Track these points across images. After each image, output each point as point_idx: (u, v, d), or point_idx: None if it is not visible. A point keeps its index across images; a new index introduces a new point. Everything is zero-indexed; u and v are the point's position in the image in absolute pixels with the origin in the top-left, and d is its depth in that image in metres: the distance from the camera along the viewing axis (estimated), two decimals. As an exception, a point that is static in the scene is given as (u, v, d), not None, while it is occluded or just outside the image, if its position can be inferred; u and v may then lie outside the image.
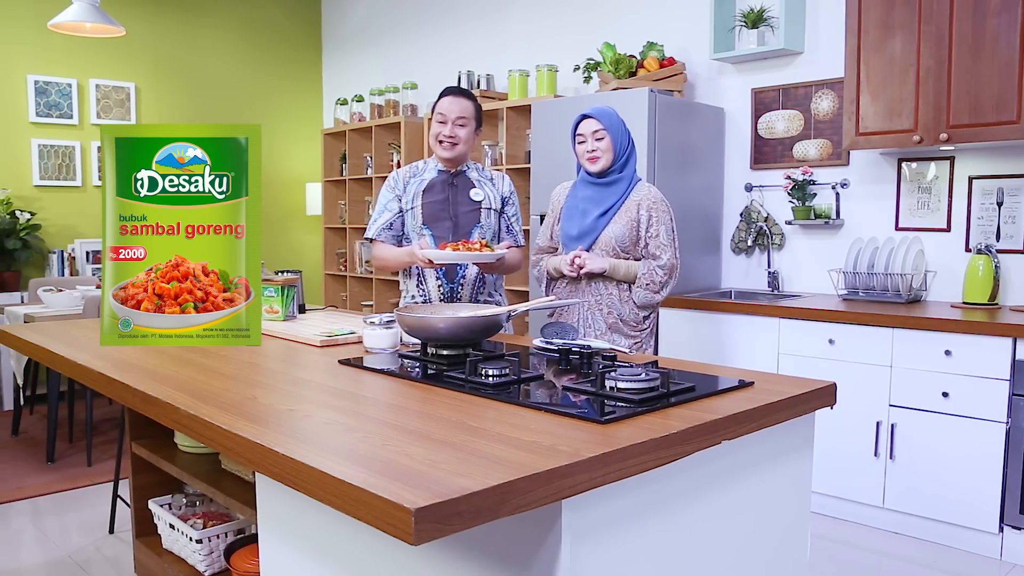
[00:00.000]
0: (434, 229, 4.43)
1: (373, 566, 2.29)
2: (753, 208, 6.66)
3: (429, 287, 4.48)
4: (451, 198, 4.45)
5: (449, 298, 4.46)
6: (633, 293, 4.43)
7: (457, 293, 4.47)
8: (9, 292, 8.42)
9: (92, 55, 9.24)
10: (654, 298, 4.41)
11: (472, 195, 4.47)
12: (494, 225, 4.55)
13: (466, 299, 4.47)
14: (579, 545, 1.93)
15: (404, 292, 4.66)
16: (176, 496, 4.18)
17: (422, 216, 4.44)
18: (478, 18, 8.94)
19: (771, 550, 2.60)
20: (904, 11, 5.33)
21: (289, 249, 11.05)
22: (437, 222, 4.44)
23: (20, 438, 7.40)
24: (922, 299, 5.77)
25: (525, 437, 2.06)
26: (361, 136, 9.85)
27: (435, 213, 4.44)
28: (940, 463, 4.99)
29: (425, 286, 4.49)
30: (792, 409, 2.56)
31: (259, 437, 2.09)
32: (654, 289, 4.39)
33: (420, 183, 4.48)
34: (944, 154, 5.70)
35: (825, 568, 4.73)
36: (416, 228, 4.45)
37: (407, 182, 4.52)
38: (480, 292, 4.54)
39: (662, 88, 6.48)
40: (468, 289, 4.48)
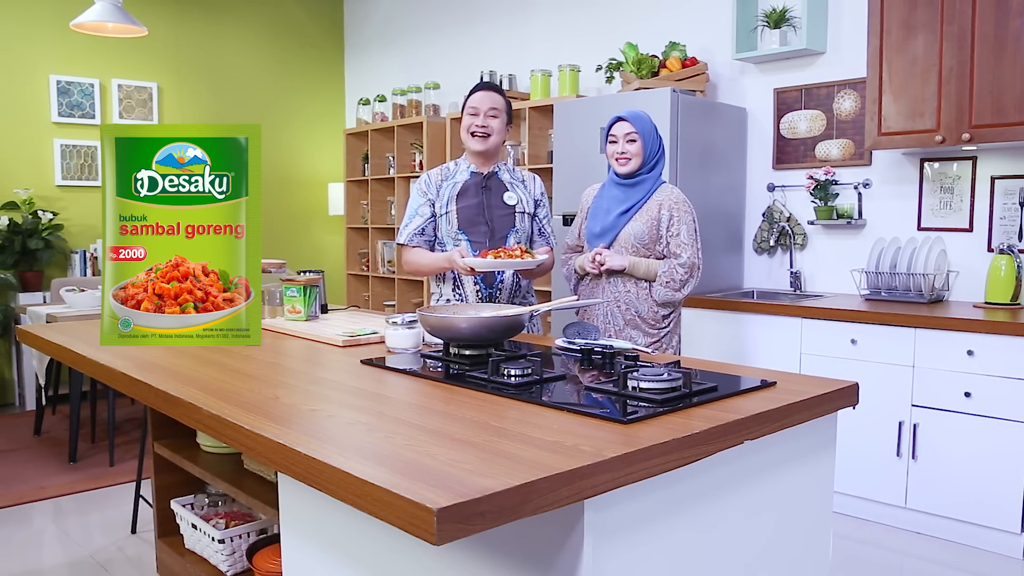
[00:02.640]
0: (470, 234, 4.40)
1: (395, 566, 2.29)
2: (775, 208, 6.64)
3: (467, 292, 4.42)
4: (485, 202, 4.42)
5: (488, 300, 4.40)
6: (653, 291, 4.42)
7: (496, 298, 4.42)
8: (31, 292, 8.46)
9: (114, 55, 9.28)
10: (674, 296, 4.40)
11: (506, 199, 4.45)
12: (528, 228, 4.54)
13: (504, 301, 4.43)
14: (601, 545, 1.93)
15: (438, 296, 4.59)
16: (198, 496, 4.20)
17: (457, 221, 4.40)
18: (501, 18, 8.95)
19: (793, 550, 2.59)
20: (926, 11, 5.31)
21: (311, 249, 11.07)
22: (473, 227, 4.40)
23: (42, 438, 7.43)
24: (944, 299, 5.75)
25: (547, 437, 2.06)
26: (383, 136, 9.86)
27: (470, 218, 4.40)
28: (962, 463, 4.97)
29: (462, 291, 4.43)
30: (814, 409, 2.55)
31: (282, 437, 2.09)
32: (674, 287, 4.38)
33: (453, 186, 4.44)
34: (966, 154, 5.68)
35: (847, 568, 4.72)
36: (451, 234, 4.42)
37: (439, 185, 4.48)
38: (516, 296, 4.49)
39: (684, 88, 6.46)
40: (506, 294, 4.44)
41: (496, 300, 4.42)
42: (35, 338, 4.05)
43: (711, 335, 6.03)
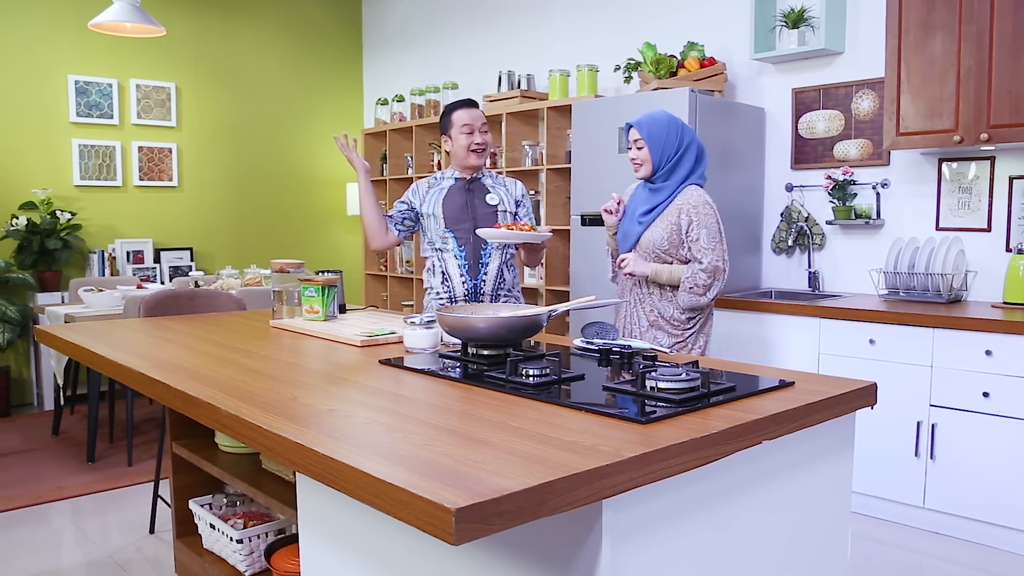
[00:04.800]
0: (455, 232, 4.83)
1: (414, 566, 2.29)
2: (794, 208, 6.63)
3: (454, 284, 4.83)
4: (469, 202, 4.83)
5: (472, 293, 4.82)
6: (678, 297, 4.45)
7: (480, 288, 4.82)
8: (50, 292, 8.49)
9: (132, 55, 9.31)
10: (699, 301, 4.42)
11: (488, 199, 4.85)
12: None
13: (487, 293, 4.85)
14: (620, 545, 1.93)
15: (429, 289, 4.97)
16: (217, 496, 4.20)
17: (444, 221, 4.83)
18: (519, 18, 8.95)
19: (812, 550, 2.58)
20: (945, 11, 5.30)
21: (330, 249, 11.09)
22: (458, 224, 4.82)
23: (60, 438, 7.46)
24: (963, 299, 5.73)
25: (566, 437, 2.06)
26: (402, 136, 9.89)
27: (455, 216, 4.82)
28: (981, 463, 4.96)
29: (450, 283, 4.84)
30: (833, 409, 2.55)
31: (300, 437, 2.09)
32: (698, 292, 4.39)
33: (440, 192, 4.86)
34: (985, 154, 5.66)
35: (866, 568, 4.71)
36: (439, 232, 4.85)
37: (427, 192, 4.91)
38: (500, 288, 4.88)
39: (703, 88, 6.46)
40: (489, 285, 4.83)
41: (481, 292, 4.84)
42: (53, 338, 4.06)
43: (729, 335, 6.03)
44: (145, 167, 9.38)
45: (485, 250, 4.79)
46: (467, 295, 4.81)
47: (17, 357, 8.75)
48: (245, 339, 3.80)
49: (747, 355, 5.91)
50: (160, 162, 9.49)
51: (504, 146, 8.27)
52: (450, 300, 4.83)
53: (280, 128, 10.55)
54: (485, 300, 4.81)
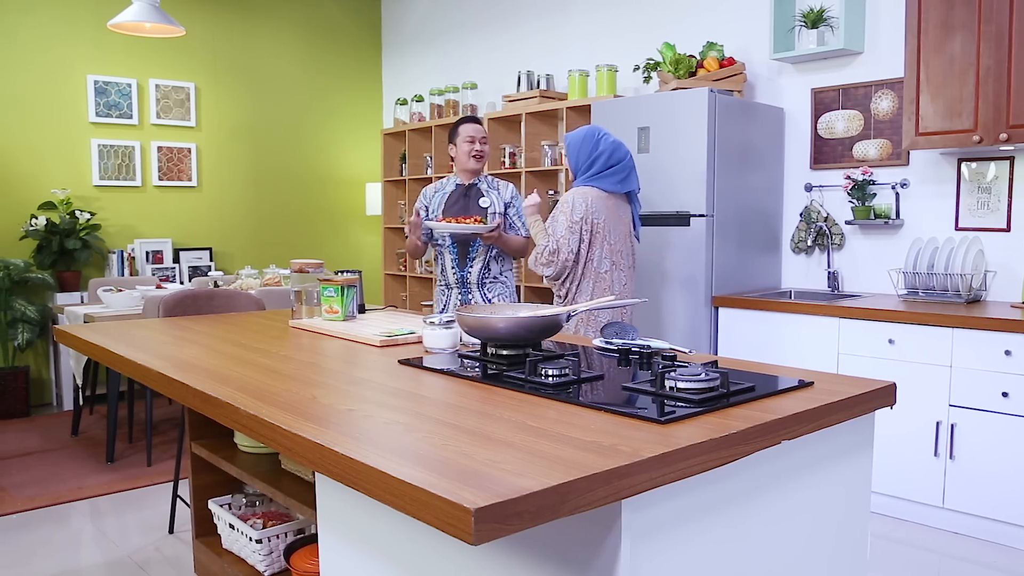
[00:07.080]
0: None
1: (433, 566, 2.29)
2: (813, 208, 6.62)
3: (448, 273, 5.77)
4: (464, 205, 5.70)
5: (461, 281, 5.72)
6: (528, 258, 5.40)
7: (467, 278, 5.71)
8: (69, 292, 8.52)
9: (152, 55, 9.34)
10: (536, 266, 5.28)
11: (481, 203, 5.67)
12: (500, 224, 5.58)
13: (474, 281, 5.71)
14: (639, 545, 1.92)
15: (438, 280, 5.93)
16: (236, 496, 4.21)
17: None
18: (538, 18, 8.95)
19: (831, 550, 2.58)
20: (964, 11, 5.28)
21: (349, 249, 11.11)
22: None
23: (80, 438, 7.49)
24: (982, 299, 5.71)
25: (585, 437, 2.06)
26: (421, 136, 9.90)
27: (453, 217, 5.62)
28: (1000, 463, 4.94)
29: (445, 272, 5.79)
30: (852, 409, 2.54)
31: (319, 437, 2.10)
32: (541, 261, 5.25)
33: (443, 195, 5.80)
34: (1004, 154, 5.64)
35: (885, 568, 4.70)
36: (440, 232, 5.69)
37: (432, 196, 5.85)
38: (486, 276, 5.71)
39: (722, 88, 6.45)
40: (475, 275, 5.70)
41: (467, 281, 5.72)
42: (73, 338, 4.07)
43: (748, 335, 6.02)
44: (164, 167, 9.41)
45: (473, 246, 5.65)
46: (458, 282, 5.73)
47: (36, 357, 8.79)
48: (264, 339, 3.81)
49: (766, 355, 5.91)
50: (179, 162, 9.52)
51: (523, 146, 8.28)
52: (446, 287, 5.79)
53: (299, 128, 10.57)
54: (472, 287, 5.71)
